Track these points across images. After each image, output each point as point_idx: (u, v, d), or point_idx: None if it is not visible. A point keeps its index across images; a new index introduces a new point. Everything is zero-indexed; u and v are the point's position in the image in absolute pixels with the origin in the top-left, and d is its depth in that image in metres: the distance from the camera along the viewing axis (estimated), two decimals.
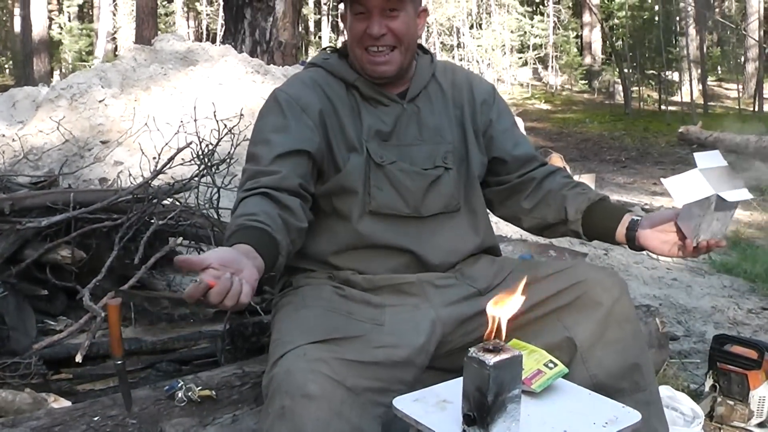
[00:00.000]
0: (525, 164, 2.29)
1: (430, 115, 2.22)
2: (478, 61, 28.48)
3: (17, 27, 27.71)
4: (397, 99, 2.19)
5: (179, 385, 2.21)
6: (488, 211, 2.35)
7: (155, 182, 3.64)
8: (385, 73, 2.12)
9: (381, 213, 2.13)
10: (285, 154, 2.02)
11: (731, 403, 3.03)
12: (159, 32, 16.41)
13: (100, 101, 6.43)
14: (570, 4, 32.20)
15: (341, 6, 2.18)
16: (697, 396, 3.12)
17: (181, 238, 3.54)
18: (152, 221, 3.49)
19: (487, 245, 2.30)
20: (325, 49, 2.32)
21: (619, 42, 27.11)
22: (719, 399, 3.06)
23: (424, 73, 2.25)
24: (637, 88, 22.85)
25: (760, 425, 3.04)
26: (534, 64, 30.37)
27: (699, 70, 22.58)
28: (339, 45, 2.30)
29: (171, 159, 3.63)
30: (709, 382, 3.13)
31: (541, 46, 30.33)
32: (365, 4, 2.05)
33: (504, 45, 29.05)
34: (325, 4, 32.42)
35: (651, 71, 24.76)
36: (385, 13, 2.06)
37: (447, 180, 2.18)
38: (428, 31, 29.58)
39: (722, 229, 1.91)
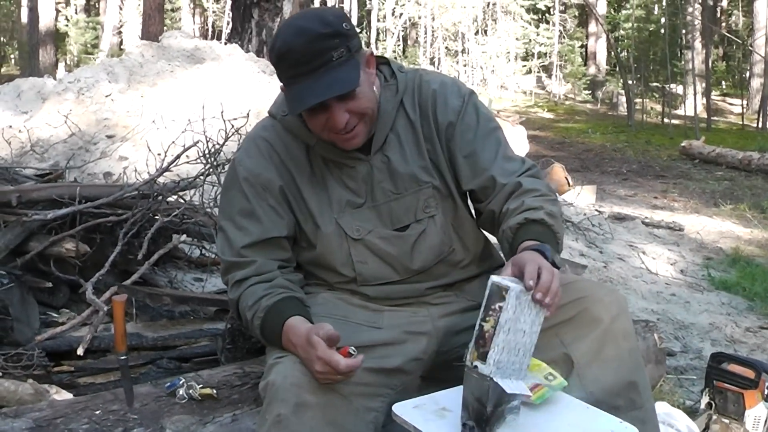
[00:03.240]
0: (484, 194, 2.09)
1: (402, 162, 2.07)
2: (482, 67, 28.50)
3: (24, 18, 27.71)
4: (361, 156, 2.05)
5: (181, 382, 2.22)
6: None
7: (160, 179, 3.66)
8: (357, 146, 1.99)
9: (371, 284, 2.10)
10: (254, 244, 2.03)
11: (726, 421, 3.04)
12: (165, 28, 16.42)
13: (106, 96, 6.46)
14: (576, 14, 32.24)
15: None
16: (692, 413, 3.13)
17: (184, 236, 3.56)
18: (156, 218, 3.51)
19: (485, 268, 2.23)
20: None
21: (624, 53, 27.11)
22: (714, 417, 3.07)
23: (389, 111, 2.07)
24: (640, 100, 22.84)
25: None
26: (538, 72, 30.38)
27: (703, 85, 22.58)
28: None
29: (177, 157, 3.65)
30: (705, 400, 3.14)
31: (545, 54, 30.36)
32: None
33: (509, 52, 29.06)
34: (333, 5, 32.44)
35: (655, 84, 24.78)
36: (342, 101, 1.90)
37: (433, 229, 2.09)
38: (433, 36, 29.61)
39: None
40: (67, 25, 28.83)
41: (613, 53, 27.85)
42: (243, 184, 2.05)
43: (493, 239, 2.21)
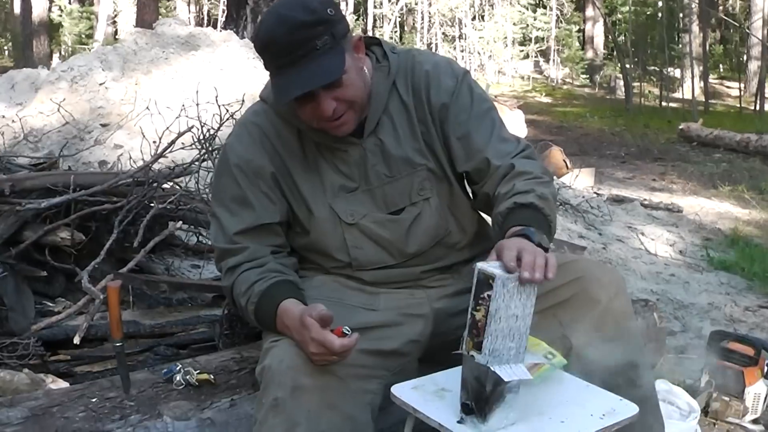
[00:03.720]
0: (479, 175, 2.07)
1: (396, 144, 2.05)
2: (479, 53, 28.43)
3: (17, 8, 27.60)
4: (353, 140, 2.03)
5: (177, 368, 2.22)
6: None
7: (155, 166, 3.64)
8: (347, 132, 1.98)
9: (366, 269, 2.09)
10: (246, 230, 2.02)
11: (726, 398, 3.04)
12: (160, 17, 16.36)
13: (100, 84, 6.44)
14: None
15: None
16: (693, 391, 3.12)
17: (180, 222, 3.54)
18: (152, 205, 3.49)
19: (482, 250, 2.16)
20: None
21: (622, 37, 27.07)
22: (715, 394, 3.07)
23: (381, 94, 2.05)
24: (638, 84, 22.80)
25: (755, 422, 3.05)
26: (536, 57, 30.30)
27: (701, 68, 22.54)
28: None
29: (172, 143, 3.63)
30: (705, 378, 3.14)
31: (543, 39, 30.26)
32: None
33: (506, 37, 28.98)
34: None
35: (653, 67, 24.73)
36: (328, 90, 1.88)
37: (428, 212, 2.08)
38: (430, 21, 29.53)
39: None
40: (60, 16, 28.69)
41: (610, 37, 27.80)
42: (234, 170, 2.04)
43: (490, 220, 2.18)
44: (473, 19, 29.28)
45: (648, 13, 26.97)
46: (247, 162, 2.03)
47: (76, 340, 2.71)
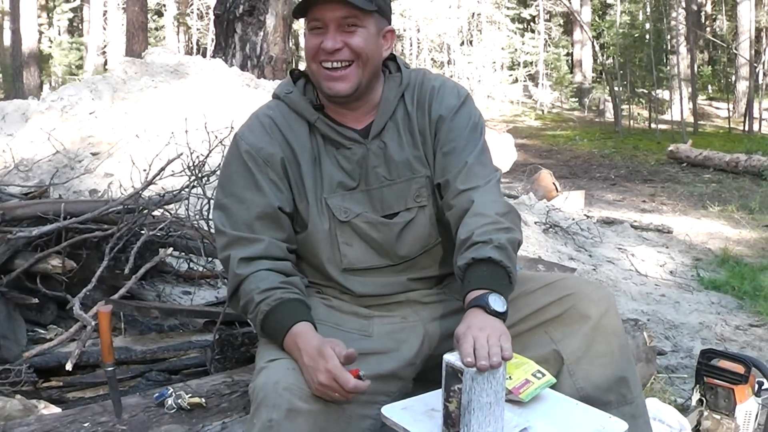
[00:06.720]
0: (445, 190, 2.09)
1: (398, 149, 2.10)
2: (468, 78, 28.60)
3: (7, 40, 27.69)
4: (359, 139, 2.09)
5: (169, 392, 2.22)
6: None
7: (145, 193, 3.65)
8: (341, 91, 2.02)
9: (356, 269, 2.11)
10: (260, 216, 2.03)
11: (717, 417, 3.04)
12: (149, 46, 16.42)
13: (90, 113, 6.45)
14: (561, 22, 32.42)
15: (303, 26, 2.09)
16: (683, 410, 3.13)
17: (171, 249, 3.55)
18: (142, 232, 3.49)
19: None
20: (293, 71, 2.20)
21: (610, 60, 27.27)
22: (706, 413, 3.07)
23: (391, 100, 2.12)
24: (627, 106, 22.96)
25: None
26: (524, 81, 30.52)
27: (689, 89, 22.71)
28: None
29: (161, 170, 3.63)
30: (695, 396, 3.14)
31: (531, 63, 30.50)
32: (321, 18, 1.98)
33: (494, 62, 29.19)
34: None
35: (641, 89, 24.92)
36: (342, 28, 1.98)
37: (421, 219, 2.12)
38: (419, 47, 29.73)
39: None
40: (50, 47, 28.85)
41: (598, 60, 28.01)
42: (245, 156, 2.07)
43: None
44: (462, 44, 29.51)
45: (635, 35, 27.17)
46: (258, 150, 2.07)
47: (68, 367, 2.70)
